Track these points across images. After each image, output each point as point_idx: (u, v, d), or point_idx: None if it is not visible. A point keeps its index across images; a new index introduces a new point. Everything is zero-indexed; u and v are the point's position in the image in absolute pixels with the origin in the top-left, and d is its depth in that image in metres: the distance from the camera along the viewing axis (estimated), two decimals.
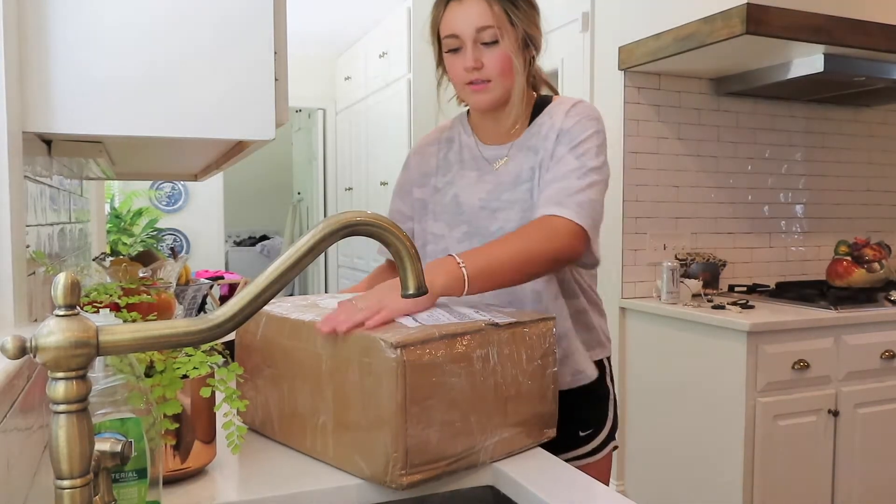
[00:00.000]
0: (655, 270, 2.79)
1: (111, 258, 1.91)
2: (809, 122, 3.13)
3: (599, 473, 1.31)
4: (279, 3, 0.89)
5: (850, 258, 2.82)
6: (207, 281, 2.59)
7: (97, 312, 0.83)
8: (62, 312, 0.57)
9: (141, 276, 1.57)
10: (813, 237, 3.19)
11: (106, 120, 0.82)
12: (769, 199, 3.09)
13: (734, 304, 2.53)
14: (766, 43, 2.30)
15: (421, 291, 0.72)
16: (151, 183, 4.78)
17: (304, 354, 0.99)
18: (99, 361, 0.71)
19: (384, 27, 4.22)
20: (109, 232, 4.23)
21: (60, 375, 0.56)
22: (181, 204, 4.94)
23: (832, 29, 2.31)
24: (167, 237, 4.85)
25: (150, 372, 0.86)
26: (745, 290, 2.87)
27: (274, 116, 0.88)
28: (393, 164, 3.87)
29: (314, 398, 0.97)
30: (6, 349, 0.54)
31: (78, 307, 0.58)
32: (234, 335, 1.12)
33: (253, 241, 7.57)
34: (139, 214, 4.66)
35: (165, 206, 4.90)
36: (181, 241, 4.91)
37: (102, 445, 0.64)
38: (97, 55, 0.81)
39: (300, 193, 6.47)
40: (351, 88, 4.87)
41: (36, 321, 0.92)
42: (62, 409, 0.56)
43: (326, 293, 2.51)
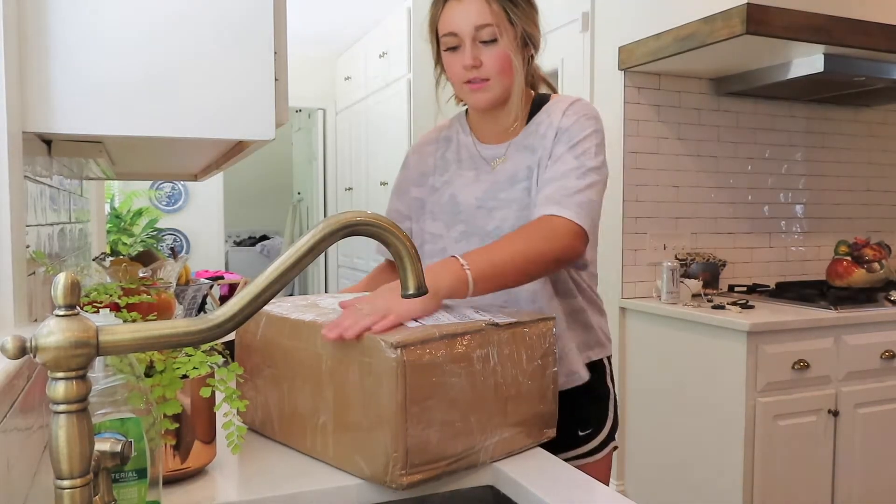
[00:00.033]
0: (655, 270, 2.79)
1: (111, 258, 1.91)
2: (809, 122, 3.13)
3: (599, 473, 1.31)
4: (279, 3, 0.89)
5: (850, 258, 2.82)
6: (207, 281, 2.58)
7: (97, 312, 0.83)
8: (62, 312, 0.57)
9: (141, 276, 1.57)
10: (813, 237, 3.19)
11: (106, 120, 0.82)
12: (769, 199, 3.09)
13: (734, 304, 2.53)
14: (766, 43, 2.30)
15: (421, 291, 0.72)
16: (151, 183, 4.78)
17: (304, 354, 0.99)
18: (99, 361, 0.71)
19: (384, 27, 4.22)
20: (109, 232, 4.23)
21: (60, 375, 0.56)
22: (181, 204, 4.94)
23: (832, 29, 2.31)
24: (167, 237, 4.85)
25: (150, 372, 0.86)
26: (745, 290, 2.87)
27: (274, 116, 0.88)
28: (393, 164, 3.86)
29: (314, 398, 0.97)
30: (6, 349, 0.54)
31: (78, 307, 0.58)
32: (234, 335, 1.12)
33: (253, 241, 7.57)
34: (139, 214, 4.66)
35: (165, 206, 4.90)
36: (181, 241, 4.91)
37: (102, 445, 0.64)
38: (97, 55, 0.81)
39: (300, 193, 6.47)
40: (351, 88, 4.87)
41: (36, 321, 0.92)
42: (62, 409, 0.56)
43: (326, 293, 2.51)
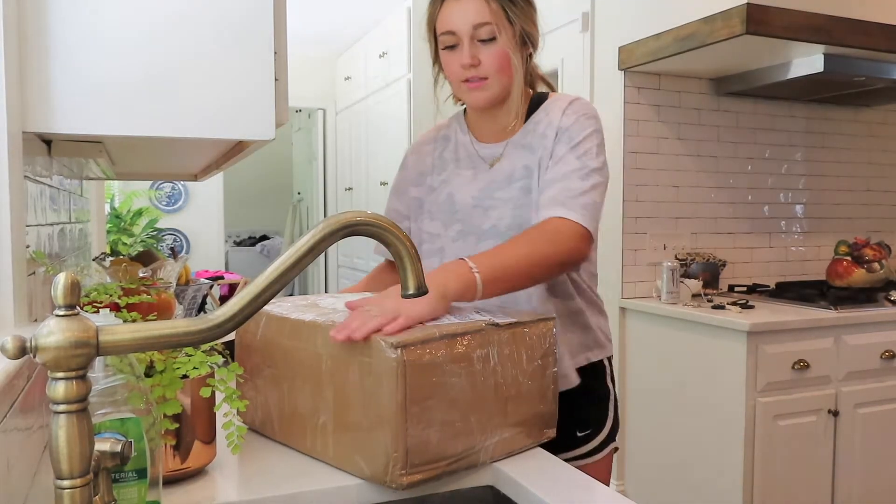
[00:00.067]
0: (655, 270, 2.79)
1: (111, 258, 1.91)
2: (809, 122, 3.13)
3: (598, 474, 1.30)
4: (279, 3, 0.89)
5: (850, 258, 2.82)
6: (207, 281, 2.58)
7: (97, 312, 0.83)
8: (62, 312, 0.57)
9: (141, 276, 1.57)
10: (813, 237, 3.19)
11: (106, 120, 0.82)
12: (769, 199, 3.08)
13: (734, 304, 2.53)
14: (766, 43, 2.30)
15: (421, 291, 0.72)
16: (151, 183, 4.78)
17: (304, 354, 0.99)
18: (99, 361, 0.71)
19: (384, 27, 4.22)
20: (109, 232, 4.23)
21: (60, 375, 0.56)
22: (181, 204, 4.94)
23: (832, 29, 2.31)
24: (167, 237, 4.85)
25: (150, 372, 0.86)
26: (745, 290, 2.87)
27: (274, 116, 0.88)
28: (393, 164, 3.84)
29: (314, 398, 0.97)
30: (6, 349, 0.54)
31: (78, 307, 0.58)
32: (234, 335, 1.12)
33: (253, 241, 7.57)
34: (139, 214, 4.66)
35: (165, 206, 4.90)
36: (181, 241, 4.91)
37: (102, 445, 0.64)
38: (97, 55, 0.81)
39: (300, 193, 6.47)
40: (351, 88, 4.87)
41: (36, 321, 0.92)
42: (62, 409, 0.56)
43: (326, 293, 2.51)
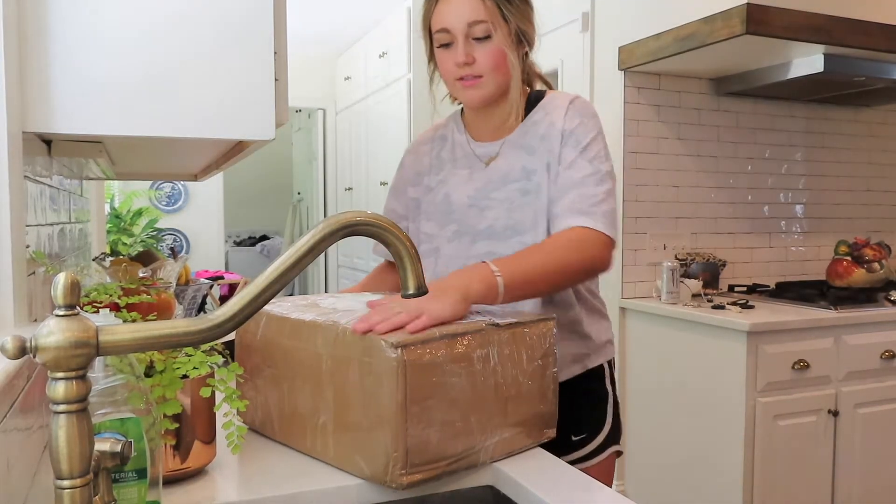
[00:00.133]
0: (655, 270, 2.79)
1: (111, 258, 1.91)
2: (809, 122, 3.13)
3: (597, 478, 1.29)
4: (279, 3, 0.89)
5: (850, 258, 2.82)
6: (207, 281, 2.58)
7: (97, 312, 0.83)
8: (62, 312, 0.57)
9: (141, 276, 1.57)
10: (813, 237, 3.19)
11: (106, 120, 0.82)
12: (769, 199, 3.08)
13: (734, 304, 2.53)
14: (766, 43, 2.30)
15: (421, 291, 0.72)
16: (151, 183, 4.77)
17: (304, 354, 0.99)
18: (99, 361, 0.71)
19: (384, 27, 4.22)
20: (109, 232, 4.23)
21: (60, 375, 0.56)
22: (181, 204, 4.94)
23: (832, 29, 2.31)
24: (167, 237, 4.85)
25: (150, 372, 0.86)
26: (745, 290, 2.87)
27: (274, 116, 0.88)
28: (393, 164, 3.84)
29: (314, 398, 0.97)
30: (6, 349, 0.54)
31: (78, 307, 0.58)
32: (234, 335, 1.12)
33: (253, 241, 7.57)
34: (139, 214, 4.66)
35: (165, 206, 4.89)
36: (181, 241, 4.91)
37: (102, 445, 0.64)
38: (97, 55, 0.81)
39: (300, 193, 6.47)
40: (351, 88, 4.87)
41: (36, 321, 0.92)
42: (62, 409, 0.56)
43: (326, 293, 2.51)
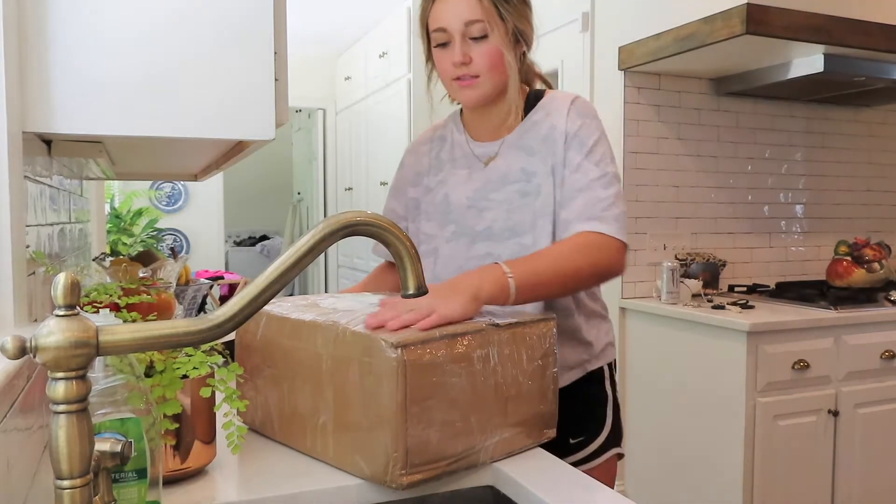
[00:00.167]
0: (655, 270, 2.79)
1: (111, 258, 1.91)
2: (809, 122, 3.13)
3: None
4: (279, 3, 0.89)
5: (850, 258, 2.82)
6: (207, 281, 2.58)
7: (97, 312, 0.83)
8: (62, 312, 0.57)
9: (141, 276, 1.57)
10: (813, 237, 3.19)
11: (106, 120, 0.82)
12: (769, 199, 3.08)
13: (734, 304, 2.53)
14: (766, 43, 2.30)
15: (421, 291, 0.72)
16: (151, 183, 4.77)
17: (304, 354, 0.99)
18: (99, 361, 0.71)
19: (384, 27, 4.22)
20: (109, 232, 4.22)
21: (60, 375, 0.56)
22: (181, 204, 4.93)
23: (832, 29, 2.31)
24: (167, 237, 4.85)
25: (150, 372, 0.86)
26: (745, 290, 2.87)
27: (274, 116, 0.88)
28: (393, 164, 3.84)
29: (314, 398, 0.97)
30: (6, 349, 0.54)
31: (78, 307, 0.58)
32: (234, 335, 1.12)
33: (253, 241, 7.57)
34: (139, 214, 4.65)
35: (165, 206, 4.89)
36: (181, 241, 4.91)
37: (102, 445, 0.63)
38: (97, 55, 0.81)
39: (300, 193, 6.47)
40: (351, 88, 4.87)
41: (36, 321, 0.92)
42: (62, 409, 0.56)
43: (326, 293, 2.51)
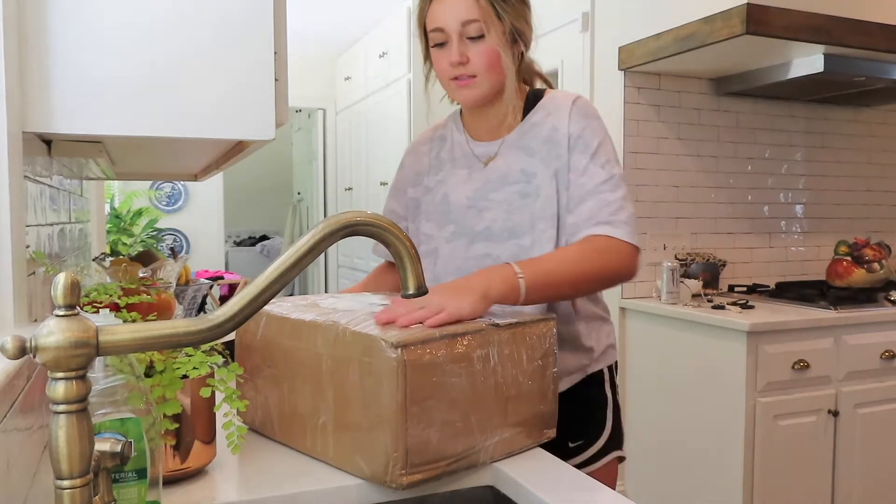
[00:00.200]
0: (655, 270, 2.79)
1: (111, 258, 1.91)
2: (809, 122, 3.13)
3: None
4: (279, 3, 0.89)
5: (850, 258, 2.82)
6: (207, 281, 2.58)
7: (97, 312, 0.83)
8: (62, 312, 0.57)
9: (141, 276, 1.57)
10: (813, 237, 3.19)
11: (106, 120, 0.82)
12: (769, 199, 3.08)
13: (734, 304, 2.53)
14: (766, 43, 2.30)
15: (421, 291, 0.72)
16: (151, 183, 4.77)
17: (304, 354, 0.99)
18: (99, 361, 0.71)
19: (384, 27, 4.22)
20: (109, 232, 4.22)
21: (60, 375, 0.56)
22: (181, 204, 4.93)
23: (832, 29, 2.31)
24: (167, 237, 4.84)
25: (150, 372, 0.86)
26: (745, 290, 2.87)
27: (274, 116, 0.88)
28: (393, 164, 3.84)
29: (314, 398, 0.97)
30: (6, 349, 0.54)
31: (78, 307, 0.58)
32: (234, 335, 1.12)
33: (253, 241, 7.57)
34: (139, 214, 4.65)
35: (165, 206, 4.89)
36: (181, 241, 4.91)
37: (102, 445, 0.63)
38: (97, 55, 0.81)
39: (300, 193, 6.47)
40: (351, 88, 4.87)
41: (36, 321, 0.92)
42: (62, 409, 0.56)
43: (326, 293, 2.51)
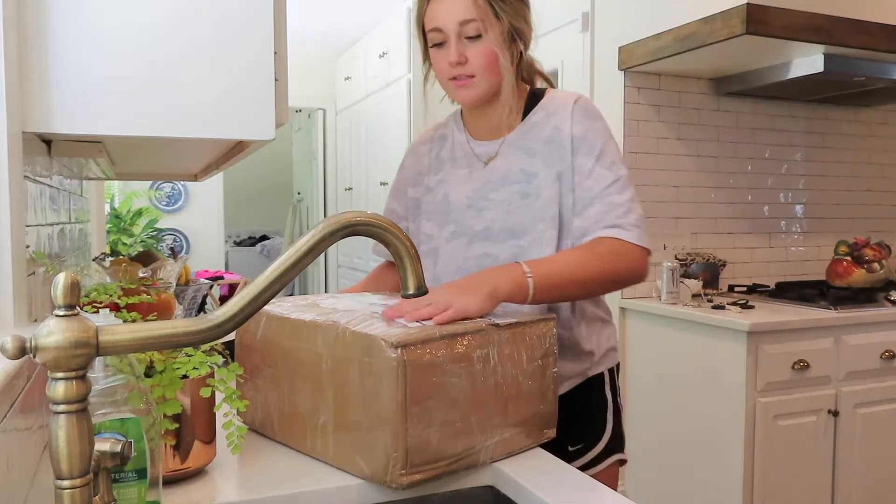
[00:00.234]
0: (655, 270, 2.79)
1: (111, 258, 1.91)
2: (809, 122, 3.13)
3: None
4: (279, 3, 0.89)
5: (850, 258, 2.82)
6: (207, 281, 2.58)
7: (97, 312, 0.83)
8: (62, 312, 0.57)
9: (141, 276, 1.57)
10: (813, 237, 3.19)
11: (106, 120, 0.82)
12: (769, 199, 3.08)
13: (734, 304, 2.53)
14: (766, 43, 2.30)
15: (421, 291, 0.72)
16: (151, 183, 4.77)
17: (304, 354, 0.99)
18: (99, 361, 0.71)
19: (384, 27, 4.22)
20: (109, 232, 4.22)
21: (60, 375, 0.56)
22: (181, 204, 4.93)
23: (832, 29, 2.31)
24: (167, 237, 4.84)
25: (150, 372, 0.86)
26: (745, 290, 2.87)
27: (274, 116, 0.88)
28: (393, 164, 3.84)
29: (314, 398, 0.97)
30: (6, 349, 0.54)
31: (78, 307, 0.58)
32: (234, 335, 1.12)
33: (253, 241, 7.57)
34: (139, 214, 4.65)
35: (165, 206, 4.89)
36: (181, 241, 4.91)
37: (102, 445, 0.63)
38: (97, 55, 0.81)
39: (300, 193, 6.47)
40: (351, 88, 4.87)
41: (36, 321, 0.92)
42: (62, 409, 0.56)
43: (326, 293, 2.51)
